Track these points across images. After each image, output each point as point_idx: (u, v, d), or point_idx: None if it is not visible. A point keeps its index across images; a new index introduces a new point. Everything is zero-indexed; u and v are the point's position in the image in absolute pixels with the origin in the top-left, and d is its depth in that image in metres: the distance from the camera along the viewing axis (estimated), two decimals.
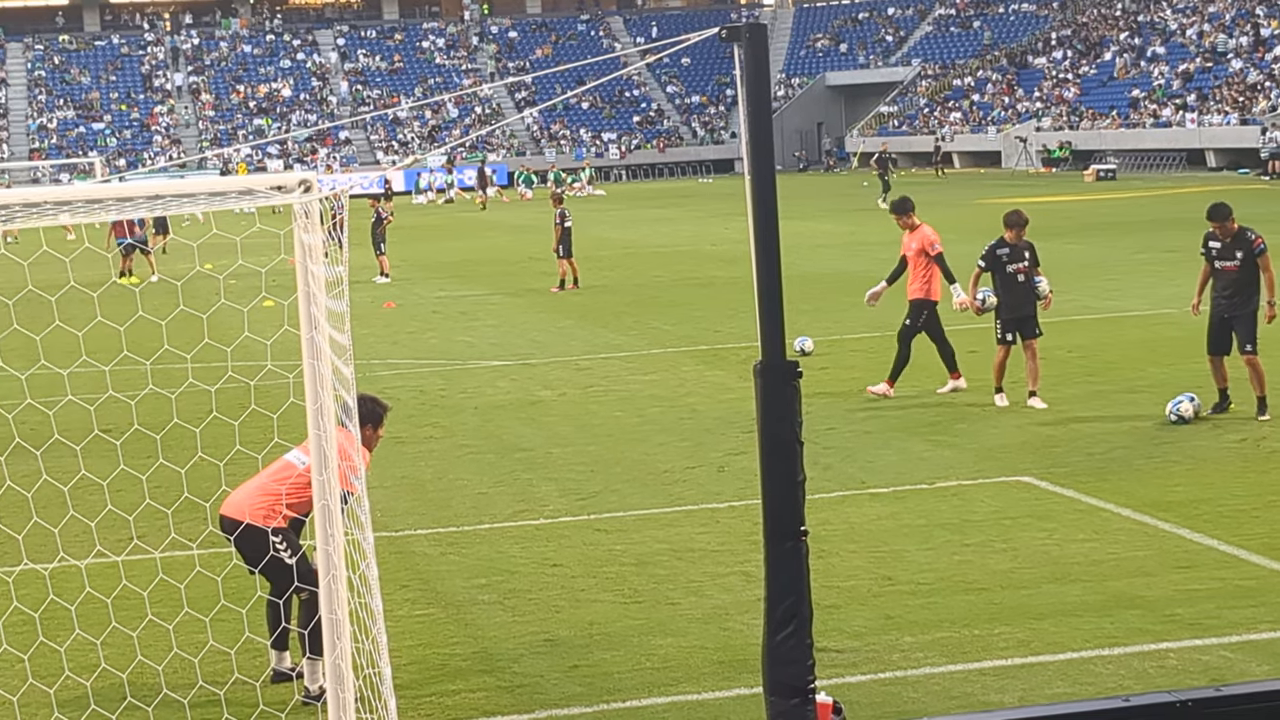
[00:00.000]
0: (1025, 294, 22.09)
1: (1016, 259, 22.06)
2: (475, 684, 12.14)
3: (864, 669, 12.05)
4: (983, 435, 20.31)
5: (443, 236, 64.42)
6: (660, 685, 11.92)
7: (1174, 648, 12.17)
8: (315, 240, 10.33)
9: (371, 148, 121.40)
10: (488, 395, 25.25)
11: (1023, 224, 22.11)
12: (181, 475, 12.93)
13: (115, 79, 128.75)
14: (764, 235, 9.15)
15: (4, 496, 13.15)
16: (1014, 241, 22.11)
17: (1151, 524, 15.71)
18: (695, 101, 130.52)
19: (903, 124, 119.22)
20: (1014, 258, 22.07)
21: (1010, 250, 22.10)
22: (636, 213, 73.58)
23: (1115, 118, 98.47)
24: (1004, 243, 22.14)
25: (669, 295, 38.46)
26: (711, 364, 27.26)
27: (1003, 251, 22.13)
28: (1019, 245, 22.11)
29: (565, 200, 43.53)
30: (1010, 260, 22.07)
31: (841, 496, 17.41)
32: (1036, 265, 22.21)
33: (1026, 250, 22.14)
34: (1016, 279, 22.06)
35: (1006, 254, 22.11)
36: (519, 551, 15.87)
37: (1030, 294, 22.10)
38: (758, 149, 9.11)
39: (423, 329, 33.81)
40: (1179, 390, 21.22)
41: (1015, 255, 22.08)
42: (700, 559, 15.24)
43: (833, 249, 48.36)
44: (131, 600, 13.27)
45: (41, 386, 20.89)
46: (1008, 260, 22.09)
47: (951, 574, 14.37)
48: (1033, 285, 22.11)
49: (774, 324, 9.17)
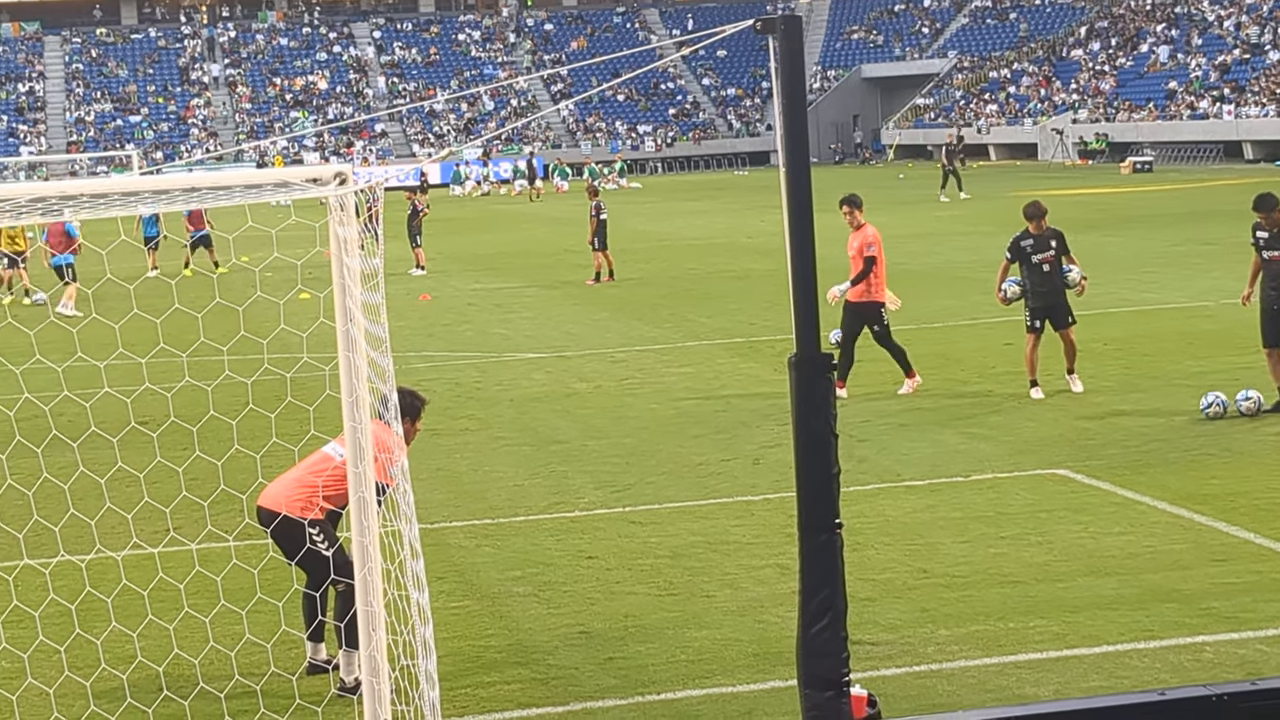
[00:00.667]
0: (1053, 283, 22.10)
1: (1041, 249, 22.07)
2: (510, 676, 12.16)
3: (899, 662, 12.03)
4: (1018, 428, 20.26)
5: (478, 229, 64.47)
6: (695, 678, 11.93)
7: (1210, 641, 12.12)
8: (351, 233, 10.35)
9: (407, 140, 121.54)
10: (523, 388, 25.28)
11: (1041, 214, 22.13)
12: (218, 467, 12.97)
13: (152, 72, 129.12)
14: (798, 228, 9.13)
15: (41, 488, 13.21)
16: (1037, 232, 22.12)
17: (1188, 517, 15.66)
18: (731, 94, 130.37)
19: (939, 116, 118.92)
20: (1039, 248, 22.08)
21: (1034, 241, 22.13)
22: (672, 205, 73.54)
23: (1152, 110, 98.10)
24: (1027, 234, 22.20)
25: (704, 288, 38.43)
26: (747, 356, 27.24)
27: (1026, 243, 22.18)
28: (1043, 235, 22.12)
29: (601, 193, 43.55)
30: (1035, 250, 22.10)
31: (877, 489, 17.39)
32: (1066, 254, 22.18)
33: (1053, 240, 22.14)
34: (1042, 269, 22.07)
35: (1030, 245, 22.16)
36: (554, 544, 15.89)
37: (1059, 283, 22.08)
38: (792, 141, 9.10)
39: (458, 321, 33.85)
40: (1215, 383, 21.16)
41: (1040, 245, 22.09)
42: (735, 551, 15.24)
43: None
44: (168, 592, 13.32)
45: (79, 379, 20.97)
46: (1032, 250, 22.13)
47: (987, 567, 14.35)
48: (1062, 274, 22.09)
49: (808, 316, 9.15)
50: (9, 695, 11.49)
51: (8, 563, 14.17)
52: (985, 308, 23.60)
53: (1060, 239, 22.23)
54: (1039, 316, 22.10)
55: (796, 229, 9.14)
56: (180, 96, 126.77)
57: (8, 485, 12.76)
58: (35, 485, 13.09)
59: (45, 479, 12.84)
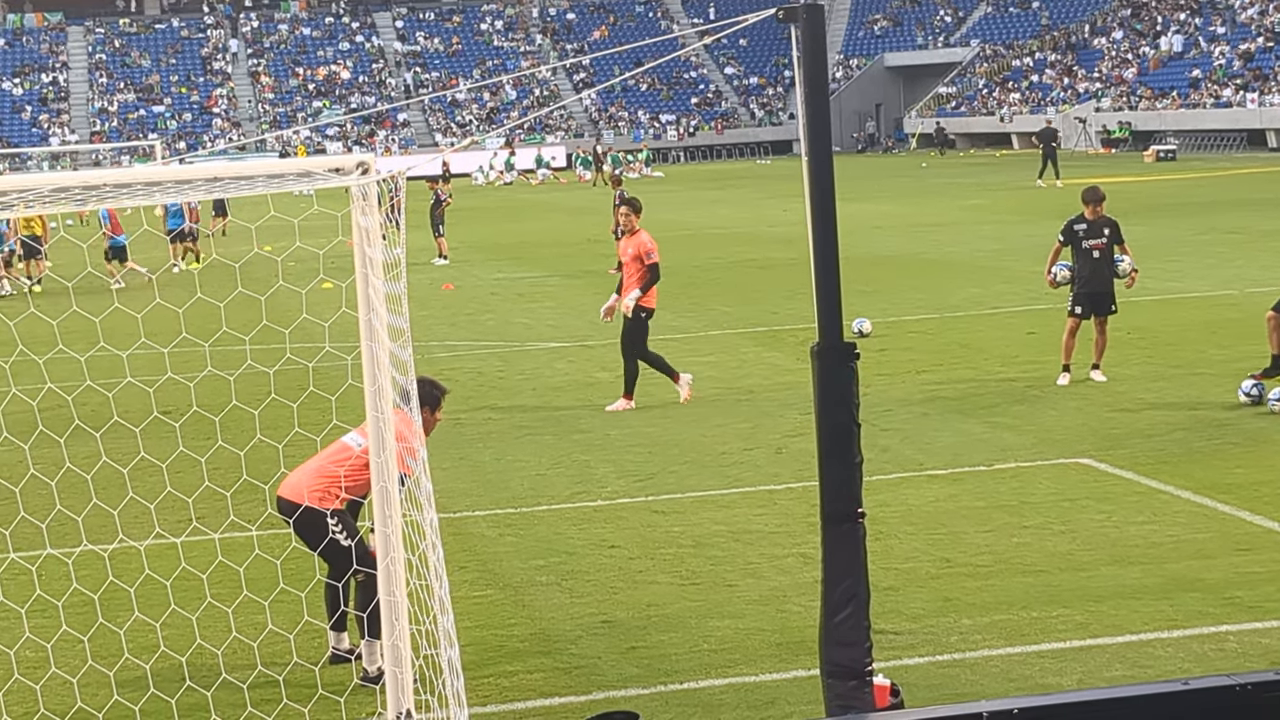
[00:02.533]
0: (1101, 270, 22.16)
1: (1094, 235, 22.12)
2: (533, 665, 12.16)
3: (922, 651, 12.01)
4: (1041, 417, 20.22)
5: (501, 219, 64.48)
6: (717, 667, 11.92)
7: (1234, 630, 12.09)
8: (373, 223, 10.35)
9: (430, 130, 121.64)
10: (545, 377, 25.28)
11: (1098, 199, 22.20)
12: (241, 457, 12.99)
13: (175, 62, 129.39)
14: (821, 216, 9.12)
15: (64, 478, 13.23)
16: (1092, 218, 22.14)
17: (1211, 506, 15.62)
18: (753, 83, 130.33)
19: (961, 105, 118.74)
20: (1091, 234, 22.14)
21: (1088, 226, 22.18)
22: (694, 194, 73.50)
23: (1175, 98, 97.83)
24: (1082, 218, 22.28)
25: (727, 277, 38.41)
26: (769, 345, 27.22)
27: (1080, 227, 22.26)
28: (1097, 222, 22.15)
29: (625, 182, 43.53)
30: (1087, 236, 22.18)
31: (899, 478, 17.36)
32: (1120, 243, 22.23)
33: (1106, 227, 22.19)
34: (1092, 255, 22.15)
35: (1084, 230, 22.23)
36: (577, 533, 15.88)
37: (1107, 271, 22.13)
38: (815, 130, 9.09)
39: (481, 311, 33.86)
40: (1240, 372, 21.12)
41: (1092, 231, 22.14)
42: (758, 541, 15.23)
43: (891, 230, 48.20)
44: (190, 582, 13.33)
45: (101, 368, 21.01)
46: (1085, 236, 22.21)
47: (1010, 556, 14.32)
48: (1113, 263, 22.16)
49: (831, 305, 9.14)
50: (33, 685, 11.51)
51: (31, 552, 14.20)
52: (1008, 297, 23.55)
53: (1115, 227, 22.29)
54: (1081, 303, 22.19)
55: (819, 218, 9.13)
56: (203, 86, 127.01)
57: (31, 475, 12.79)
58: (58, 475, 13.12)
59: (68, 468, 12.87)
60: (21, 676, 11.66)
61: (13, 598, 12.66)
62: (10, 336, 15.73)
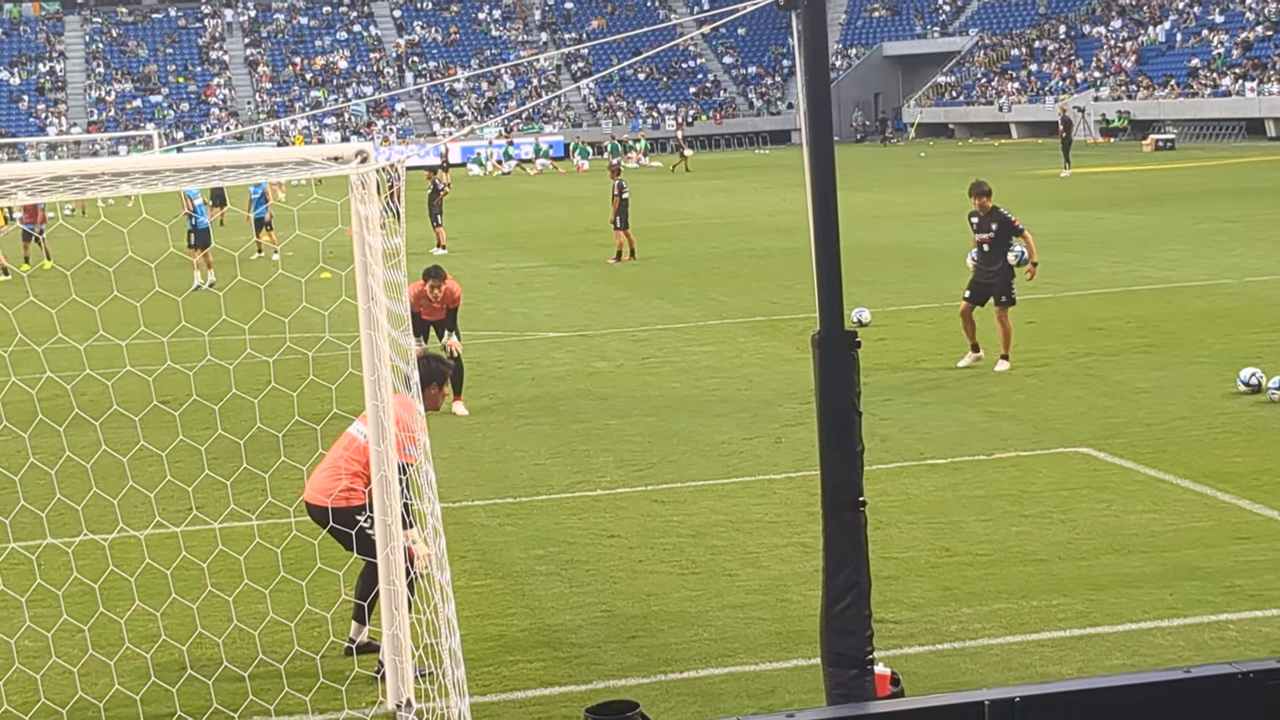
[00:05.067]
0: (991, 263, 22.53)
1: (982, 229, 22.70)
2: (533, 655, 12.15)
3: (922, 640, 12.01)
4: (1040, 407, 20.21)
5: (499, 208, 64.45)
6: (718, 656, 11.91)
7: (1234, 619, 12.09)
8: (372, 211, 10.36)
9: (428, 120, 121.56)
10: (544, 366, 25.28)
11: (981, 193, 22.60)
12: (240, 446, 13.00)
13: (172, 52, 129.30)
14: (822, 205, 9.10)
15: (64, 467, 13.22)
16: (981, 212, 22.60)
17: (1211, 495, 15.62)
18: (751, 72, 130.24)
19: (960, 94, 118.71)
20: (980, 228, 22.72)
21: (978, 221, 22.73)
22: (693, 184, 73.48)
23: (1174, 87, 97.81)
24: (975, 213, 22.76)
25: (726, 266, 38.40)
26: (768, 335, 27.21)
27: (973, 220, 22.82)
28: (986, 217, 22.55)
29: (623, 172, 43.52)
30: (977, 230, 22.74)
31: (899, 468, 17.36)
32: (1013, 235, 22.45)
33: (994, 222, 22.52)
34: (982, 248, 22.65)
35: (975, 223, 22.78)
36: (576, 522, 15.88)
37: (997, 264, 22.53)
38: (816, 118, 9.07)
39: (479, 300, 33.81)
40: (1238, 361, 21.14)
41: (981, 226, 22.72)
42: (757, 530, 15.22)
43: (890, 220, 48.18)
44: (191, 571, 13.34)
45: (101, 357, 21.00)
46: (975, 230, 22.75)
47: (1010, 545, 14.32)
48: (1005, 254, 22.54)
49: (832, 294, 9.13)
50: (33, 674, 11.51)
51: (31, 541, 14.20)
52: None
53: (1005, 223, 22.50)
54: (971, 288, 22.79)
55: (820, 207, 9.11)
56: (200, 76, 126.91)
57: (30, 464, 12.78)
58: (58, 464, 13.11)
59: (68, 457, 12.85)
60: (22, 666, 11.65)
61: (13, 587, 12.66)
62: (9, 326, 15.71)
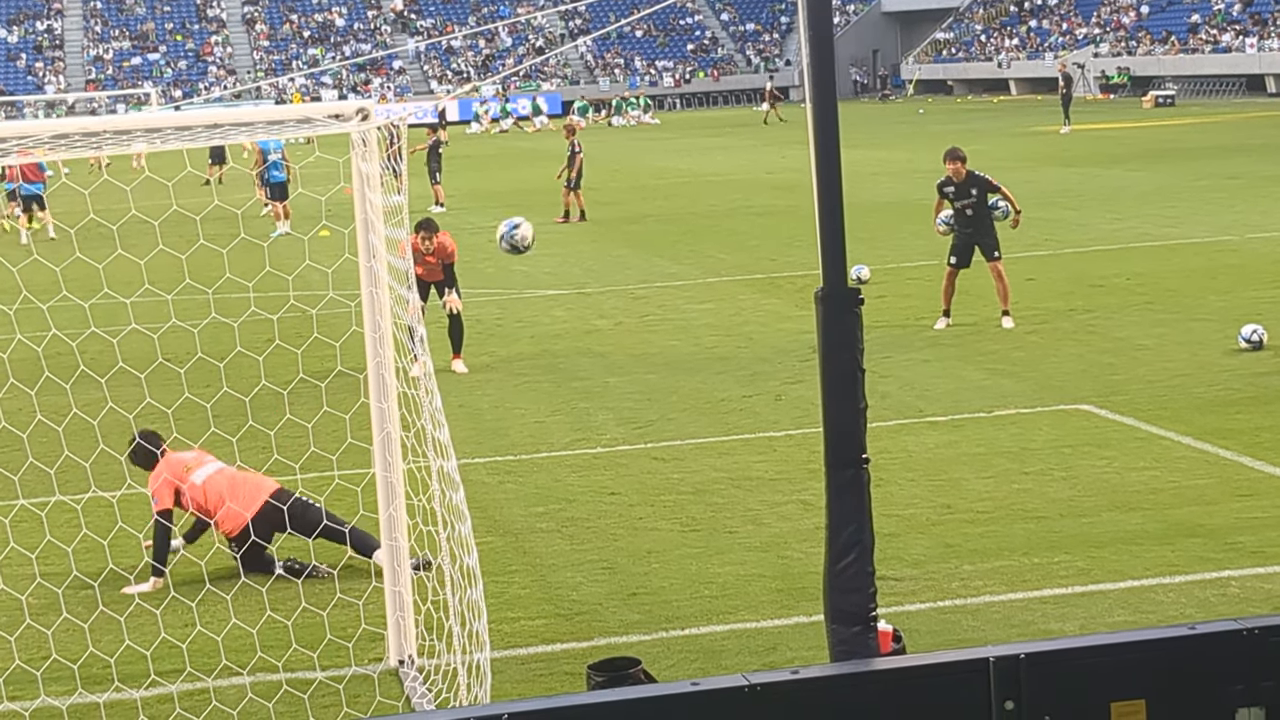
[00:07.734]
0: (978, 224, 22.65)
1: (962, 196, 22.73)
2: (534, 612, 12.21)
3: (923, 597, 12.07)
4: (1041, 364, 20.24)
5: (497, 166, 64.35)
6: (719, 613, 11.97)
7: (1236, 575, 12.15)
8: (373, 168, 10.38)
9: (425, 78, 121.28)
10: (544, 324, 25.31)
11: (957, 158, 22.60)
12: (245, 403, 13.04)
13: (170, 9, 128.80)
14: (825, 161, 9.10)
15: (70, 424, 13.26)
16: (957, 179, 22.68)
17: (1212, 452, 15.66)
18: (750, 29, 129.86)
19: (959, 50, 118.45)
20: (959, 195, 22.74)
21: (955, 188, 22.76)
22: (691, 141, 73.34)
23: (1174, 43, 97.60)
24: (950, 180, 22.76)
25: (725, 224, 38.39)
26: (768, 293, 27.23)
27: (949, 190, 22.82)
28: (964, 183, 22.64)
29: (578, 132, 43.88)
30: (956, 197, 22.77)
31: (900, 425, 17.40)
32: (992, 191, 22.67)
33: (974, 187, 22.63)
34: (965, 212, 22.71)
35: (952, 192, 22.80)
36: (577, 480, 15.93)
37: (984, 224, 22.69)
38: (819, 72, 9.06)
39: (478, 258, 33.77)
40: (1239, 318, 21.16)
41: (960, 193, 22.74)
42: (758, 487, 15.27)
43: (888, 177, 48.10)
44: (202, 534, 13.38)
45: (105, 315, 21.04)
46: (954, 198, 22.77)
47: (1011, 502, 14.37)
48: (989, 211, 22.73)
49: (835, 251, 9.13)
50: (44, 630, 11.57)
51: (40, 499, 14.25)
52: (1007, 243, 23.51)
53: (983, 185, 22.63)
54: (956, 253, 22.85)
55: (823, 162, 9.11)
56: (198, 34, 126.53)
57: (37, 421, 12.82)
58: (65, 421, 13.14)
59: (74, 415, 12.89)
60: (33, 621, 11.71)
61: (22, 543, 12.70)
62: (14, 284, 15.73)
